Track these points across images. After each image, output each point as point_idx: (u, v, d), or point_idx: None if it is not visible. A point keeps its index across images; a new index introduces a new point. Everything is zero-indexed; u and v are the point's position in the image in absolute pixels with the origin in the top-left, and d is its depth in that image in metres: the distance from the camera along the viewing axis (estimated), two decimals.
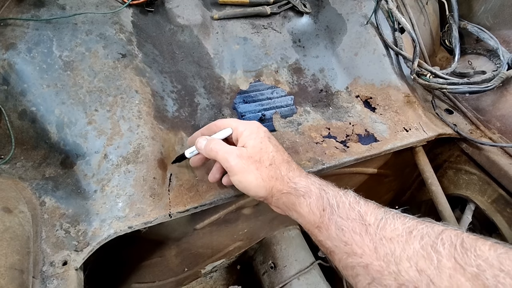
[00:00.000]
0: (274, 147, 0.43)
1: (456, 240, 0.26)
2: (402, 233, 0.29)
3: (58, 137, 0.50)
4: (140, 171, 0.50)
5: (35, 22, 0.53)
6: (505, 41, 0.79)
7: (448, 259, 0.25)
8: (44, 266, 0.42)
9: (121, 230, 0.46)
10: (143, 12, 0.63)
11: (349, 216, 0.33)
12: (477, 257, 0.24)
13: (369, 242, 0.30)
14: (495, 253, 0.24)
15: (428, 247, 0.27)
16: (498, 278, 0.22)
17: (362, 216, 0.32)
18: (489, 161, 0.72)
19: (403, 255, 0.28)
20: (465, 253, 0.25)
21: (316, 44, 0.78)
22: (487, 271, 0.23)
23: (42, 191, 0.47)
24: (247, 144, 0.42)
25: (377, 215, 0.32)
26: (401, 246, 0.28)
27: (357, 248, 0.31)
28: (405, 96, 0.73)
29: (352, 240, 0.32)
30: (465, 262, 0.24)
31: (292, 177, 0.40)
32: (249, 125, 0.45)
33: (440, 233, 0.27)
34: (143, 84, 0.56)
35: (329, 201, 0.36)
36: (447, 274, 0.24)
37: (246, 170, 0.41)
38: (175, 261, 0.78)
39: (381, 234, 0.30)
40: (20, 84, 0.50)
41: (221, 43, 0.70)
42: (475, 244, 0.25)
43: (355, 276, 0.31)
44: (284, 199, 0.40)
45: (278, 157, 0.42)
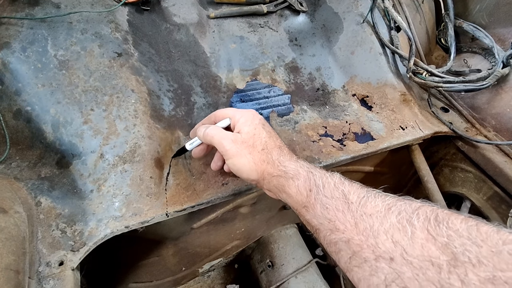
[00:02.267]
0: (267, 133, 0.46)
1: (430, 214, 0.27)
2: (381, 209, 0.31)
3: (53, 136, 0.50)
4: (137, 171, 0.50)
5: (29, 21, 0.52)
6: (500, 39, 0.80)
7: (422, 231, 0.27)
8: (40, 267, 0.42)
9: (117, 230, 0.46)
10: (139, 11, 0.63)
11: (333, 195, 0.35)
12: (448, 229, 0.25)
13: (350, 218, 0.32)
14: (465, 225, 0.25)
15: (404, 221, 0.28)
16: (465, 246, 0.24)
17: (346, 195, 0.34)
18: (485, 158, 0.72)
19: (380, 228, 0.29)
20: (437, 225, 0.26)
21: (312, 42, 0.78)
22: (456, 240, 0.24)
23: (38, 191, 0.47)
24: (242, 130, 0.45)
25: (360, 194, 0.34)
26: (380, 220, 0.30)
27: (340, 224, 0.33)
28: (401, 95, 0.73)
29: (336, 217, 0.34)
30: (437, 233, 0.26)
31: (283, 161, 0.43)
32: (245, 113, 0.47)
33: (416, 208, 0.29)
34: (139, 83, 0.56)
35: (316, 182, 0.38)
36: (419, 244, 0.26)
37: (239, 154, 0.43)
38: (172, 261, 0.77)
39: (362, 211, 0.32)
40: (15, 84, 0.50)
41: (218, 42, 0.69)
42: (448, 218, 0.27)
43: (338, 251, 0.33)
44: (274, 182, 0.43)
45: (271, 143, 0.45)
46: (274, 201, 0.76)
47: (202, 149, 0.51)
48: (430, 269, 0.24)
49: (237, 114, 0.47)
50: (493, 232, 0.24)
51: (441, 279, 0.24)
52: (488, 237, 0.24)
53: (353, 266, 0.31)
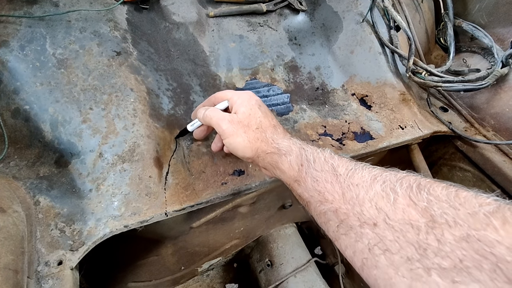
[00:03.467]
0: (262, 114, 0.47)
1: (413, 182, 0.29)
2: (367, 179, 0.32)
3: (52, 135, 0.50)
4: (136, 170, 0.50)
5: (28, 19, 0.52)
6: (500, 39, 0.80)
7: (404, 197, 0.28)
8: (39, 266, 0.42)
9: (117, 229, 0.45)
10: (138, 10, 0.62)
11: (323, 168, 0.37)
12: (429, 195, 0.27)
13: (338, 189, 0.34)
14: (445, 191, 0.27)
15: (388, 189, 0.30)
16: (443, 209, 0.25)
17: (335, 168, 0.36)
18: (483, 158, 0.73)
19: (365, 197, 0.31)
20: (419, 192, 0.27)
21: (312, 42, 0.78)
22: (435, 204, 0.26)
23: (37, 190, 0.47)
24: (238, 110, 0.47)
25: (348, 166, 0.36)
26: (365, 189, 0.31)
27: (328, 195, 0.35)
28: (400, 94, 0.73)
29: (325, 188, 0.35)
30: (418, 199, 0.27)
31: (276, 139, 0.45)
32: (242, 94, 0.49)
33: (401, 178, 0.30)
34: (138, 82, 0.56)
35: (307, 157, 0.40)
36: (401, 209, 0.27)
37: (235, 133, 0.45)
38: (171, 260, 0.77)
39: (349, 182, 0.33)
40: (13, 82, 0.50)
41: (217, 40, 0.69)
42: (430, 185, 0.28)
43: (327, 221, 0.35)
44: (268, 159, 0.44)
45: (265, 122, 0.47)
46: (273, 201, 0.76)
47: (202, 130, 0.53)
48: (410, 231, 0.26)
49: (234, 96, 0.49)
50: (472, 197, 0.25)
51: (419, 240, 0.25)
52: (466, 201, 0.25)
53: (340, 234, 0.32)
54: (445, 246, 0.23)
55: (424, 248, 0.24)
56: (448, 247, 0.23)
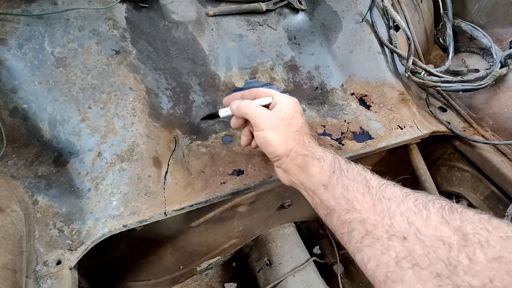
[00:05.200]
0: (303, 120, 0.48)
1: (445, 204, 0.29)
2: (399, 195, 0.33)
3: (50, 134, 0.49)
4: (135, 169, 0.49)
5: (26, 18, 0.51)
6: (498, 39, 0.80)
7: (436, 215, 0.28)
8: (37, 266, 0.41)
9: (115, 229, 0.45)
10: (137, 8, 0.62)
11: (355, 178, 0.37)
12: (461, 216, 0.27)
13: (369, 200, 0.34)
14: (478, 216, 0.27)
15: (420, 206, 0.30)
16: (476, 229, 0.25)
17: (367, 180, 0.36)
18: (482, 158, 0.73)
19: (397, 210, 0.31)
20: (451, 212, 0.28)
21: (311, 41, 0.77)
22: (468, 225, 0.26)
23: (35, 190, 0.47)
24: (282, 110, 0.47)
25: (380, 181, 0.36)
26: (397, 204, 0.32)
27: (358, 205, 0.35)
28: (399, 94, 0.73)
29: (355, 197, 0.35)
30: (450, 218, 0.28)
31: (312, 144, 0.45)
32: (288, 98, 0.49)
33: (433, 199, 0.31)
34: (137, 81, 0.55)
35: (340, 166, 0.40)
36: (433, 225, 0.28)
37: (273, 127, 0.45)
38: (170, 259, 0.77)
39: (381, 195, 0.34)
40: (11, 81, 0.49)
41: (216, 39, 0.69)
42: (462, 209, 0.28)
43: (351, 231, 0.35)
44: (298, 160, 0.44)
45: (305, 128, 0.48)
46: (272, 201, 0.76)
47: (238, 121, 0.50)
48: (441, 247, 0.26)
49: (280, 97, 0.49)
50: (504, 224, 0.26)
51: (450, 257, 0.25)
52: (499, 227, 0.25)
53: (364, 245, 0.32)
54: (476, 265, 0.24)
55: (455, 265, 0.25)
56: (479, 266, 0.23)
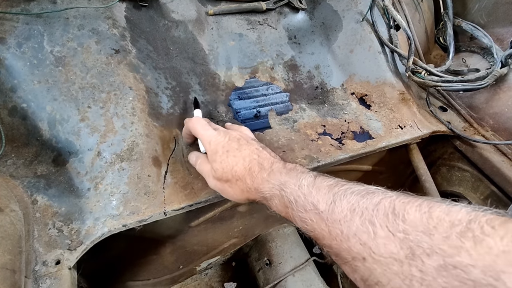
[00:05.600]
0: (233, 160, 0.45)
1: (388, 208, 0.30)
2: (347, 213, 0.33)
3: (50, 134, 0.49)
4: (134, 169, 0.49)
5: (25, 16, 0.51)
6: (499, 39, 0.80)
7: (382, 229, 0.29)
8: (36, 266, 0.41)
9: (115, 229, 0.45)
10: (137, 7, 0.62)
11: (306, 208, 0.37)
12: (404, 222, 0.28)
13: (324, 227, 0.35)
14: (419, 214, 0.28)
15: (366, 222, 0.31)
16: (419, 237, 0.26)
17: (316, 206, 0.36)
18: (482, 158, 0.73)
19: (349, 233, 0.32)
20: (394, 220, 0.29)
21: (311, 40, 0.77)
22: (411, 234, 0.27)
23: (34, 189, 0.47)
24: (213, 166, 0.46)
25: (327, 200, 0.36)
26: (347, 225, 0.32)
27: (319, 234, 0.36)
28: (400, 94, 0.73)
29: (313, 228, 0.36)
30: (395, 229, 0.28)
31: (257, 185, 0.44)
32: (209, 144, 0.47)
33: (376, 204, 0.31)
34: (137, 80, 0.55)
35: (289, 199, 0.40)
36: (382, 243, 0.29)
37: (222, 189, 0.47)
38: (170, 259, 0.77)
39: (332, 218, 0.34)
40: (10, 80, 0.49)
41: (216, 39, 0.69)
42: (404, 208, 0.29)
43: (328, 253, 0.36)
44: (261, 203, 0.45)
45: (240, 170, 0.45)
46: None
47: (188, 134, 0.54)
48: (394, 264, 0.27)
49: (205, 143, 0.48)
50: (444, 214, 0.26)
51: (404, 271, 0.26)
52: (439, 222, 0.26)
53: (340, 264, 0.34)
54: (427, 275, 0.25)
55: (410, 279, 0.26)
56: (430, 276, 0.25)
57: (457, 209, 0.26)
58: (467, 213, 0.25)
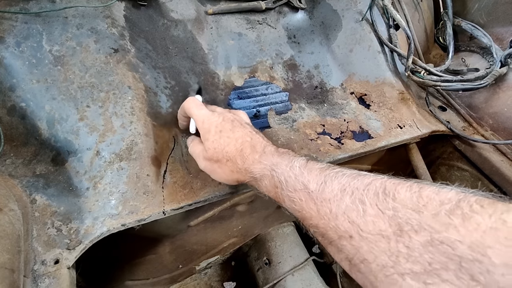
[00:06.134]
0: (225, 141, 0.46)
1: (379, 188, 0.30)
2: (337, 193, 0.33)
3: (48, 133, 0.49)
4: (133, 168, 0.49)
5: (24, 15, 0.51)
6: (498, 38, 0.80)
7: (372, 207, 0.29)
8: (35, 265, 0.41)
9: (114, 228, 0.45)
10: (136, 6, 0.62)
11: (295, 188, 0.38)
12: (394, 201, 0.28)
13: (313, 206, 0.35)
14: (410, 193, 0.28)
15: (356, 201, 0.31)
16: (408, 215, 0.27)
17: (306, 185, 0.37)
18: (481, 157, 0.73)
19: (338, 211, 0.32)
20: (384, 199, 0.29)
21: (311, 40, 0.77)
22: (400, 211, 0.27)
23: (33, 189, 0.47)
24: (205, 145, 0.47)
25: (318, 181, 0.36)
26: (336, 203, 0.33)
27: (306, 213, 0.36)
28: (399, 93, 0.73)
29: (302, 207, 0.37)
30: (384, 207, 0.28)
31: (248, 166, 0.44)
32: (204, 122, 0.48)
33: (368, 184, 0.32)
34: (136, 79, 0.55)
35: (279, 179, 0.40)
36: (371, 221, 0.29)
37: (211, 170, 0.47)
38: (169, 258, 0.77)
39: (321, 197, 0.34)
40: (9, 79, 0.49)
41: (216, 38, 0.69)
42: (395, 188, 0.29)
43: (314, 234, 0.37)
44: (250, 184, 0.46)
45: (232, 151, 0.45)
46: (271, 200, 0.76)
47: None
48: (382, 241, 0.28)
49: (198, 122, 0.48)
50: (434, 194, 0.27)
51: (391, 248, 0.27)
52: (429, 201, 0.26)
53: (326, 244, 0.35)
54: (414, 251, 0.25)
55: (396, 255, 0.26)
56: (416, 252, 0.25)
57: (447, 190, 0.27)
58: (457, 193, 0.26)
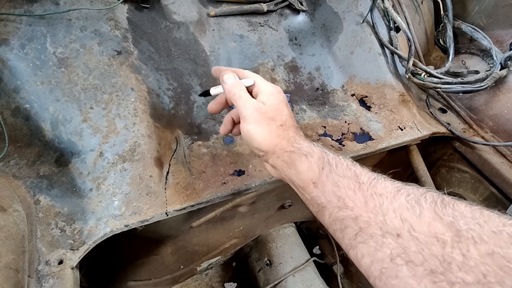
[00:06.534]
0: (288, 112, 0.46)
1: (437, 198, 0.29)
2: (391, 190, 0.32)
3: (52, 134, 0.50)
4: (136, 169, 0.50)
5: (28, 18, 0.52)
6: (498, 41, 0.80)
7: (429, 211, 0.28)
8: (39, 265, 0.42)
9: (117, 229, 0.46)
10: (139, 9, 0.62)
11: (345, 174, 0.36)
12: (454, 210, 0.27)
13: (361, 197, 0.33)
14: (470, 208, 0.27)
15: (413, 201, 0.30)
16: (469, 225, 0.26)
17: (357, 175, 0.36)
18: (481, 159, 0.73)
19: (390, 207, 0.31)
20: (444, 207, 0.28)
21: (312, 42, 0.78)
22: (461, 220, 0.26)
23: (37, 190, 0.47)
24: (266, 101, 0.45)
25: (370, 176, 0.35)
26: (389, 200, 0.31)
27: (349, 202, 0.34)
28: (400, 95, 0.74)
29: (346, 194, 0.35)
30: (443, 213, 0.27)
31: (298, 139, 0.44)
32: (272, 86, 0.47)
33: (424, 193, 0.31)
34: (138, 81, 0.56)
35: (329, 161, 0.39)
36: (426, 221, 0.28)
37: (258, 122, 0.43)
38: (171, 259, 0.78)
39: (372, 190, 0.33)
40: (13, 81, 0.49)
41: (218, 40, 0.69)
42: (453, 202, 0.28)
43: (344, 228, 0.34)
44: (285, 157, 0.43)
45: (290, 121, 0.45)
46: (272, 201, 0.77)
47: (219, 103, 0.50)
48: (435, 244, 0.26)
49: (264, 84, 0.47)
50: (495, 216, 0.26)
51: (445, 253, 0.25)
52: (490, 219, 0.25)
53: (358, 242, 0.32)
54: (469, 261, 0.24)
55: (449, 261, 0.25)
56: (472, 262, 0.24)
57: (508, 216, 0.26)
58: None
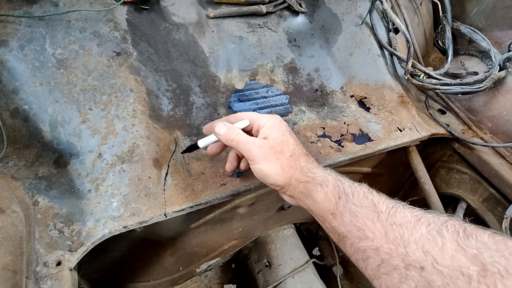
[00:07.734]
0: (294, 141, 0.46)
1: (459, 228, 0.28)
2: (411, 220, 0.31)
3: (51, 136, 0.50)
4: (135, 171, 0.50)
5: (27, 19, 0.52)
6: (497, 42, 0.80)
7: (451, 242, 0.27)
8: (37, 267, 0.41)
9: (116, 230, 0.45)
10: (138, 10, 0.62)
11: (362, 204, 0.36)
12: (477, 242, 0.26)
13: (380, 227, 0.33)
14: (493, 239, 0.26)
15: (434, 232, 0.29)
16: (494, 258, 0.25)
17: (375, 204, 0.35)
18: (481, 160, 0.73)
19: (411, 238, 0.30)
20: (466, 238, 0.27)
21: (311, 43, 0.78)
22: (485, 252, 0.25)
23: (35, 191, 0.47)
24: (270, 136, 0.45)
25: (388, 204, 0.34)
26: (409, 230, 0.30)
27: (369, 233, 0.33)
28: (399, 96, 0.74)
29: (365, 225, 0.34)
30: (466, 245, 0.27)
31: (311, 168, 0.43)
32: (271, 118, 0.47)
33: (445, 221, 0.30)
34: (138, 82, 0.56)
35: (345, 190, 0.38)
36: (449, 254, 0.27)
37: (267, 159, 0.43)
38: (170, 260, 0.77)
39: (392, 220, 0.32)
40: (12, 82, 0.49)
41: (217, 41, 0.69)
42: (476, 232, 0.27)
43: (366, 259, 0.33)
44: (301, 188, 0.42)
45: (298, 150, 0.45)
46: (272, 202, 0.76)
47: (218, 146, 0.50)
48: (460, 278, 0.25)
49: (262, 119, 0.46)
50: None
51: None
52: None
53: (381, 273, 0.31)
54: None
55: None
56: None
57: None
58: None
